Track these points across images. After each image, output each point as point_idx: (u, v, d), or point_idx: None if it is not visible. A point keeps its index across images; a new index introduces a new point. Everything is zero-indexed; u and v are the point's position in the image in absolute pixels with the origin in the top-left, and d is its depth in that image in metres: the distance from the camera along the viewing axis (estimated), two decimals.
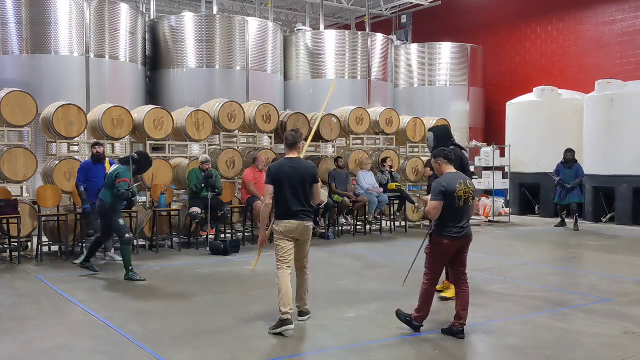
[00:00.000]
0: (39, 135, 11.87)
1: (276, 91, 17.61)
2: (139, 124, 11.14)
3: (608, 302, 6.97)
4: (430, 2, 22.83)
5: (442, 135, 7.38)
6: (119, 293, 7.46)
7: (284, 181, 5.84)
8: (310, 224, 6.00)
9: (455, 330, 5.65)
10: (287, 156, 6.06)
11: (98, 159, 9.42)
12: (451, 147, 7.07)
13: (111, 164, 9.58)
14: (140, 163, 8.71)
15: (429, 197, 5.80)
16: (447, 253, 5.69)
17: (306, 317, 6.15)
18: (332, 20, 25.42)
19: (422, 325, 5.78)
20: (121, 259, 9.64)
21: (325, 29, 21.10)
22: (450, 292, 6.97)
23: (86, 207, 9.36)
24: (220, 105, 12.11)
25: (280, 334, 5.66)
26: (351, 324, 6.11)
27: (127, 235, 8.28)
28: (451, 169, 5.79)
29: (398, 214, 13.69)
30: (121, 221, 8.34)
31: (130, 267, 8.18)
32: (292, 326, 5.72)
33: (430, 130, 7.60)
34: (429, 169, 13.35)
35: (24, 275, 8.54)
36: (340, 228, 12.69)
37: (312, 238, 6.24)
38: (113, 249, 9.78)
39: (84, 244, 9.49)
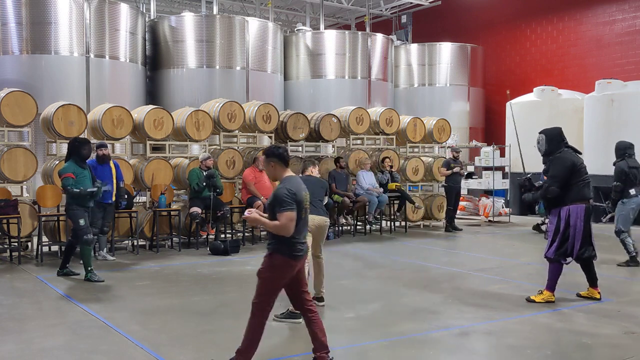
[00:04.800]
0: (39, 135, 11.87)
1: (276, 91, 17.61)
2: (139, 124, 11.14)
3: (608, 302, 6.97)
4: (430, 2, 22.83)
5: (554, 137, 6.92)
6: (119, 293, 7.45)
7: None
8: (328, 220, 6.90)
9: None
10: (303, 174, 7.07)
11: (103, 160, 9.36)
12: (564, 149, 6.88)
13: (115, 165, 9.57)
14: (69, 148, 8.42)
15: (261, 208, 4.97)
16: (289, 275, 4.65)
17: (324, 303, 6.70)
18: (332, 20, 25.42)
19: None
20: (113, 258, 9.68)
21: (325, 29, 21.10)
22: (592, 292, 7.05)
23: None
24: (220, 105, 12.11)
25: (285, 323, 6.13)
26: (351, 324, 6.11)
27: (85, 237, 8.02)
28: (288, 172, 4.76)
29: (398, 214, 13.69)
30: (82, 221, 8.02)
31: (90, 268, 8.07)
32: (300, 320, 5.91)
33: (541, 132, 7.03)
34: (445, 169, 13.41)
35: (24, 275, 8.54)
36: (340, 228, 12.69)
37: None
38: (106, 248, 9.78)
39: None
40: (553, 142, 6.93)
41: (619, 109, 14.76)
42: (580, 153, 7.16)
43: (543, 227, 12.84)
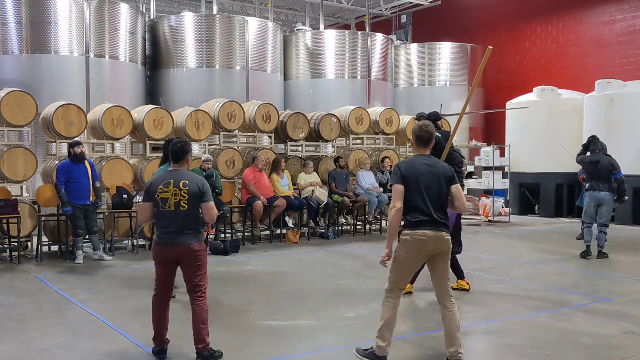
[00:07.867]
0: (39, 135, 11.87)
1: (276, 91, 17.60)
2: (139, 124, 11.14)
3: (608, 302, 6.97)
4: (430, 2, 22.83)
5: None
6: (119, 293, 7.45)
7: (419, 182, 4.75)
8: (449, 237, 4.78)
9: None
10: (417, 153, 5.01)
11: (79, 158, 9.24)
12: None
13: (90, 165, 9.52)
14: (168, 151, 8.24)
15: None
16: (160, 260, 5.06)
17: None
18: (332, 20, 25.41)
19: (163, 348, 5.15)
20: (111, 258, 9.67)
21: (325, 29, 21.09)
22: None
23: (67, 210, 9.24)
24: (220, 105, 12.11)
25: None
26: (351, 324, 6.11)
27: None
28: (175, 167, 5.04)
29: None
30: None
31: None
32: None
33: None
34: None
35: (24, 275, 8.54)
36: (340, 228, 12.68)
37: (312, 238, 6.24)
38: (101, 247, 9.75)
39: (74, 246, 9.44)
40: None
41: (619, 109, 14.76)
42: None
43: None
